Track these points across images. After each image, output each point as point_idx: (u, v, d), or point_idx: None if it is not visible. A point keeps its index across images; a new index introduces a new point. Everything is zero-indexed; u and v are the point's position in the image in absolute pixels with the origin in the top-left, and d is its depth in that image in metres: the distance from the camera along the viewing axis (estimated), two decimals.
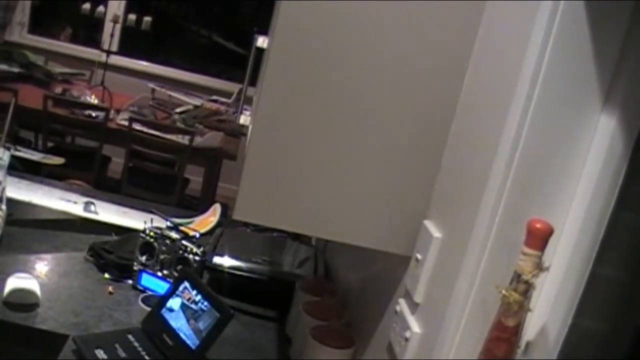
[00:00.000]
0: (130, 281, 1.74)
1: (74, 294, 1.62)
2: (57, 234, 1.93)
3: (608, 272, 0.87)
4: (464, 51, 1.11)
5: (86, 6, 5.07)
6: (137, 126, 3.74)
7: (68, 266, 1.76)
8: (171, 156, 3.82)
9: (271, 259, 1.83)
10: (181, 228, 1.86)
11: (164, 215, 1.97)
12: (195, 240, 1.76)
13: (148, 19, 5.17)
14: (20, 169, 2.32)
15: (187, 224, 2.08)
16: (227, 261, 1.76)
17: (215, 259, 1.76)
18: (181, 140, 3.78)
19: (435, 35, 1.11)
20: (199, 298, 1.44)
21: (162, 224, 1.85)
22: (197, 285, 1.47)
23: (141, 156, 3.79)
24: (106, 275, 1.74)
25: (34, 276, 1.60)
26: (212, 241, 1.89)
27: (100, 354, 1.36)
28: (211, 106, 4.47)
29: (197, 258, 1.70)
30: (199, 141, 3.81)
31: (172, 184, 3.84)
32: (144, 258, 1.72)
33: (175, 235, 1.73)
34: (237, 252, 1.81)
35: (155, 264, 1.72)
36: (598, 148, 0.86)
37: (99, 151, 3.87)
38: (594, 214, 0.85)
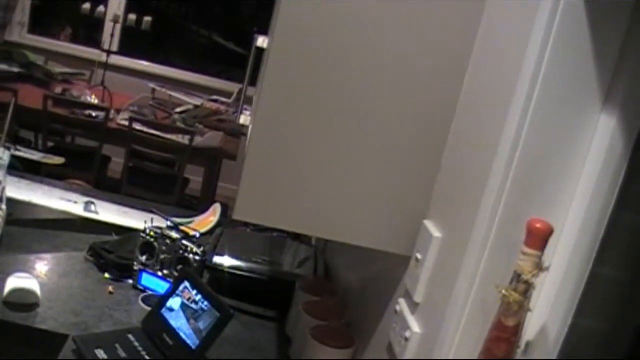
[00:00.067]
0: (130, 281, 1.74)
1: (74, 294, 1.62)
2: (57, 233, 1.93)
3: (608, 272, 0.87)
4: (464, 51, 1.11)
5: (86, 6, 5.07)
6: (137, 126, 3.74)
7: (68, 266, 1.76)
8: (171, 156, 3.82)
9: (271, 259, 1.83)
10: (181, 228, 1.86)
11: (164, 215, 1.97)
12: (196, 240, 1.76)
13: (148, 19, 5.17)
14: (21, 168, 2.32)
15: (187, 223, 2.08)
16: (227, 261, 1.76)
17: (216, 259, 1.76)
18: (181, 140, 3.78)
19: (435, 35, 1.11)
20: (199, 298, 1.44)
21: (163, 223, 1.85)
22: (197, 285, 1.47)
23: (141, 156, 3.79)
24: (106, 275, 1.74)
25: (34, 276, 1.60)
26: (212, 241, 1.89)
27: (101, 354, 1.36)
28: (211, 106, 4.47)
29: (197, 258, 1.70)
30: (199, 141, 3.81)
31: (172, 184, 3.84)
32: (144, 258, 1.72)
33: (176, 235, 1.73)
34: (237, 252, 1.81)
35: (155, 264, 1.72)
36: (598, 148, 0.86)
37: (99, 151, 3.87)
38: (594, 214, 0.85)
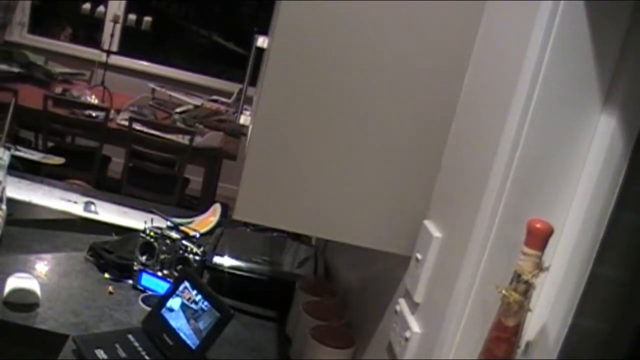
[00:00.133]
0: (130, 281, 1.74)
1: (74, 294, 1.62)
2: (57, 234, 1.93)
3: (608, 272, 0.87)
4: (464, 51, 1.11)
5: (86, 6, 5.07)
6: (137, 126, 3.74)
7: (68, 266, 1.76)
8: (171, 156, 3.82)
9: (271, 259, 1.83)
10: (181, 228, 1.86)
11: (164, 215, 1.97)
12: (196, 240, 1.76)
13: (148, 19, 5.17)
14: (21, 168, 2.32)
15: (187, 224, 2.08)
16: (227, 261, 1.76)
17: (216, 259, 1.76)
18: (181, 140, 3.78)
19: (435, 35, 1.11)
20: (199, 298, 1.44)
21: (162, 223, 1.85)
22: (197, 285, 1.47)
23: (141, 156, 3.79)
24: (106, 275, 1.74)
25: (34, 276, 1.60)
26: (212, 241, 1.89)
27: (101, 354, 1.36)
28: (211, 106, 4.47)
29: (197, 258, 1.70)
30: (199, 141, 3.81)
31: (172, 184, 3.84)
32: (144, 258, 1.72)
33: (176, 235, 1.73)
34: (237, 252, 1.81)
35: (155, 264, 1.72)
36: (598, 148, 0.86)
37: (99, 151, 3.87)
38: (594, 214, 0.85)
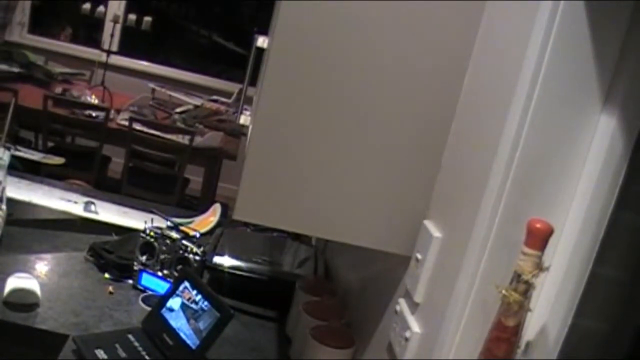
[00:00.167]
0: (130, 281, 1.74)
1: (74, 294, 1.62)
2: (57, 233, 1.93)
3: (608, 272, 0.87)
4: (464, 51, 1.11)
5: (86, 6, 5.07)
6: (137, 126, 3.74)
7: (68, 266, 1.76)
8: (171, 156, 3.81)
9: (271, 259, 1.83)
10: (181, 228, 1.86)
11: (164, 215, 1.97)
12: (196, 240, 1.76)
13: (148, 19, 5.17)
14: (21, 168, 2.32)
15: (187, 223, 2.08)
16: (227, 261, 1.76)
17: (216, 259, 1.76)
18: (181, 140, 3.78)
19: (435, 35, 1.11)
20: (199, 298, 1.44)
21: (163, 223, 1.85)
22: (197, 285, 1.47)
23: (141, 156, 3.79)
24: (106, 275, 1.74)
25: (34, 276, 1.60)
26: (212, 241, 1.89)
27: (101, 354, 1.36)
28: (211, 106, 4.47)
29: (197, 258, 1.70)
30: (199, 141, 3.81)
31: (172, 184, 3.84)
32: (144, 258, 1.72)
33: (176, 235, 1.73)
34: (237, 252, 1.81)
35: (155, 264, 1.72)
36: (598, 148, 0.86)
37: (99, 151, 3.87)
38: (594, 214, 0.85)
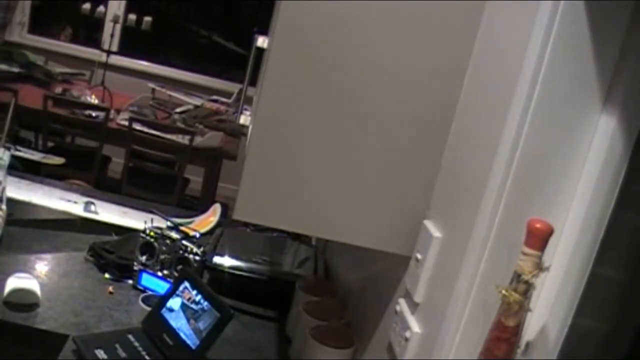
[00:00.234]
0: (130, 281, 1.74)
1: (74, 294, 1.62)
2: (57, 234, 1.93)
3: (608, 272, 0.87)
4: (464, 51, 1.11)
5: (86, 6, 5.07)
6: (137, 126, 3.74)
7: (68, 266, 1.76)
8: (171, 156, 3.81)
9: (271, 259, 1.83)
10: (181, 228, 1.86)
11: (164, 215, 1.97)
12: (196, 240, 1.76)
13: (148, 19, 5.17)
14: (21, 168, 2.32)
15: (187, 224, 2.08)
16: (227, 261, 1.76)
17: (216, 259, 1.76)
18: (181, 140, 3.78)
19: (435, 35, 1.11)
20: (199, 298, 1.44)
21: (163, 224, 1.85)
22: (197, 285, 1.47)
23: (141, 156, 3.79)
24: (106, 275, 1.74)
25: (34, 276, 1.60)
26: (212, 241, 1.89)
27: (101, 354, 1.36)
28: (211, 106, 4.47)
29: (197, 258, 1.70)
30: (199, 141, 3.81)
31: (172, 184, 3.84)
32: (144, 258, 1.72)
33: (176, 235, 1.73)
34: (237, 252, 1.81)
35: (155, 264, 1.72)
36: (598, 148, 0.86)
37: (99, 151, 3.87)
38: (594, 214, 0.85)
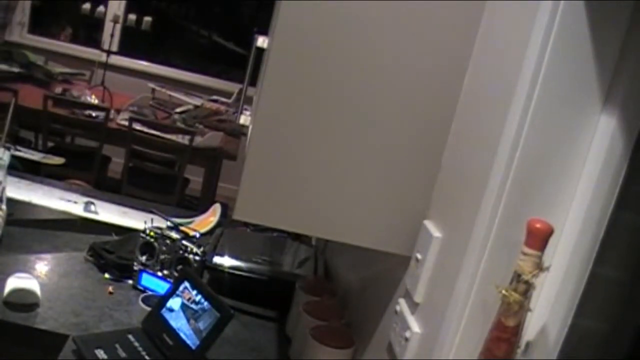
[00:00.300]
0: (130, 281, 1.74)
1: (74, 294, 1.62)
2: (57, 234, 1.93)
3: (608, 272, 0.87)
4: (464, 51, 1.11)
5: (86, 6, 5.07)
6: (137, 126, 3.74)
7: (68, 266, 1.76)
8: (171, 156, 3.81)
9: (271, 259, 1.83)
10: (181, 228, 1.86)
11: (164, 215, 1.97)
12: (196, 240, 1.76)
13: (148, 19, 5.17)
14: (21, 168, 2.32)
15: (187, 224, 2.08)
16: (227, 261, 1.76)
17: (216, 259, 1.76)
18: (181, 140, 3.78)
19: (435, 35, 1.11)
20: (199, 298, 1.44)
21: (162, 224, 1.85)
22: (197, 285, 1.47)
23: (141, 156, 3.79)
24: (106, 275, 1.74)
25: (34, 276, 1.60)
26: (212, 241, 1.89)
27: (101, 354, 1.36)
28: (211, 106, 4.47)
29: (197, 258, 1.70)
30: (199, 141, 3.81)
31: (172, 184, 3.84)
32: (144, 258, 1.72)
33: (176, 235, 1.73)
34: (237, 252, 1.81)
35: (155, 264, 1.72)
36: (598, 148, 0.86)
37: (99, 151, 3.87)
38: (594, 214, 0.85)
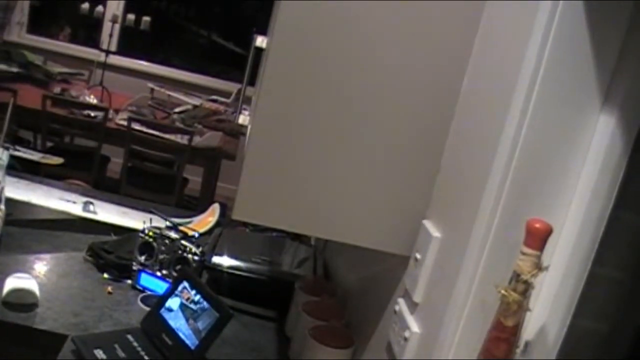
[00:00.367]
0: (129, 281, 1.74)
1: (73, 294, 1.62)
2: (56, 234, 1.93)
3: (607, 272, 0.87)
4: (463, 51, 1.11)
5: (85, 6, 5.07)
6: (136, 126, 3.74)
7: (67, 266, 1.76)
8: (170, 156, 3.81)
9: (270, 259, 1.83)
10: (180, 228, 1.86)
11: (163, 215, 1.97)
12: (195, 240, 1.76)
13: (147, 18, 5.17)
14: (19, 168, 2.32)
15: (186, 224, 2.08)
16: (226, 261, 1.76)
17: (215, 259, 1.75)
18: (180, 140, 3.78)
19: (435, 35, 1.11)
20: (198, 298, 1.44)
21: (161, 223, 1.85)
22: (196, 285, 1.47)
23: (140, 156, 3.78)
24: (105, 275, 1.74)
25: (33, 276, 1.60)
26: (211, 241, 1.89)
27: (100, 354, 1.36)
28: (210, 106, 4.47)
29: (196, 258, 1.70)
30: (198, 141, 3.81)
31: (171, 183, 3.84)
32: (143, 258, 1.72)
33: (175, 235, 1.73)
34: (236, 252, 1.81)
35: (154, 264, 1.71)
36: (597, 148, 0.86)
37: (98, 151, 3.87)
38: (593, 214, 0.85)
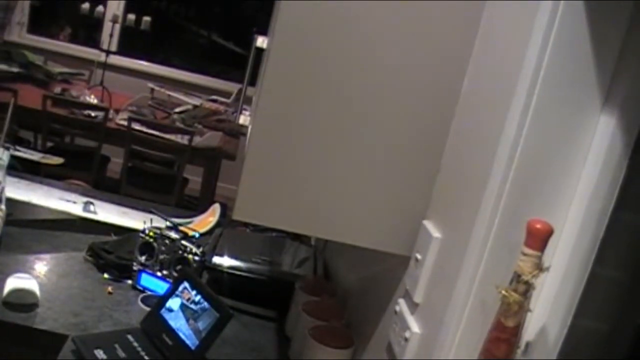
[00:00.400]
0: (129, 281, 1.74)
1: (73, 294, 1.62)
2: (57, 234, 1.93)
3: (608, 272, 0.87)
4: (464, 51, 1.11)
5: (85, 6, 5.07)
6: (136, 126, 3.74)
7: (67, 266, 1.76)
8: (170, 156, 3.81)
9: (271, 259, 1.83)
10: (180, 228, 1.86)
11: (163, 215, 1.97)
12: (195, 240, 1.76)
13: (147, 18, 5.17)
14: (20, 168, 2.32)
15: (186, 224, 2.08)
16: (226, 261, 1.76)
17: (215, 259, 1.75)
18: (180, 140, 3.78)
19: (435, 35, 1.11)
20: (198, 298, 1.44)
21: (162, 224, 1.85)
22: (197, 285, 1.47)
23: (140, 156, 3.79)
24: (105, 276, 1.74)
25: (33, 276, 1.60)
26: (211, 241, 1.89)
27: (100, 354, 1.36)
28: (210, 106, 4.47)
29: (196, 258, 1.69)
30: (198, 141, 3.81)
31: (171, 184, 3.84)
32: (143, 258, 1.72)
33: (175, 235, 1.73)
34: (236, 252, 1.81)
35: (154, 264, 1.71)
36: (598, 148, 0.86)
37: (98, 151, 3.87)
38: (594, 214, 0.85)
